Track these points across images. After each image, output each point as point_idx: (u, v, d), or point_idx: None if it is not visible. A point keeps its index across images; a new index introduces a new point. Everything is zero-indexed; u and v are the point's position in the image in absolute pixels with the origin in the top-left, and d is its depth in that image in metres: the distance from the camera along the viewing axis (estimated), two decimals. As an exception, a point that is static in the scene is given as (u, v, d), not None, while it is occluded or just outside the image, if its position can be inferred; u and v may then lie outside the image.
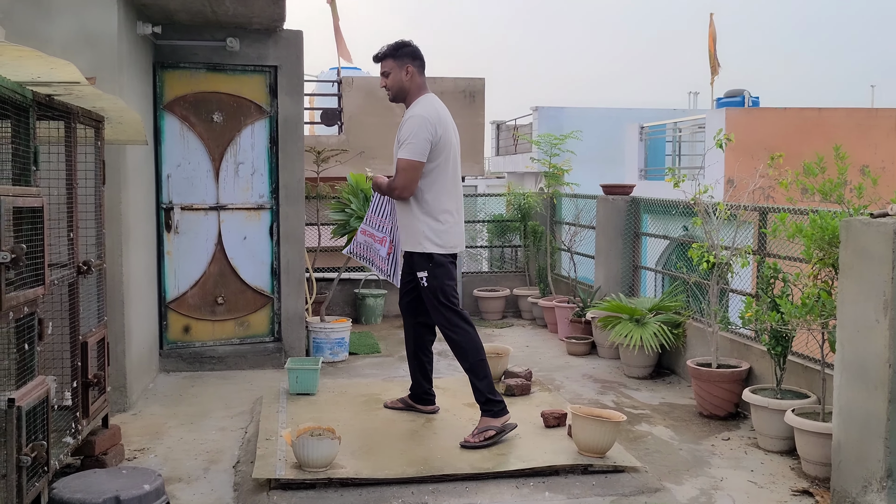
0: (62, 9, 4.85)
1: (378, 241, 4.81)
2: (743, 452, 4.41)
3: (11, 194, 2.68)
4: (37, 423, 2.93)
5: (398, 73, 4.52)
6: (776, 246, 4.96)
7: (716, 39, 18.72)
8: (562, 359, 6.73)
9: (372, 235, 4.84)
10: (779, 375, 4.51)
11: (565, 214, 8.74)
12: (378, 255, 4.83)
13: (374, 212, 4.82)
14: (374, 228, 4.83)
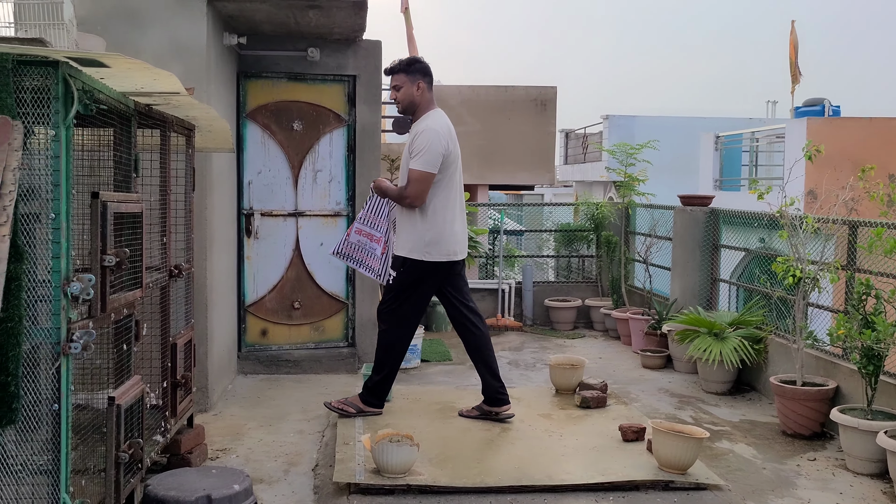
0: (155, 21, 5.02)
1: (375, 240, 4.92)
2: (830, 474, 4.27)
3: (115, 200, 2.79)
4: (133, 422, 3.03)
5: (409, 88, 4.75)
6: (868, 261, 4.79)
7: (797, 47, 18.24)
8: (636, 371, 6.63)
9: (369, 235, 4.95)
10: (870, 395, 4.35)
11: (640, 225, 8.62)
12: (372, 255, 4.94)
13: (371, 211, 4.97)
14: (371, 228, 4.94)
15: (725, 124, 17.84)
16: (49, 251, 2.42)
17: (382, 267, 4.93)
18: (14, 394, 2.28)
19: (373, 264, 4.94)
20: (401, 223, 4.82)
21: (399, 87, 4.77)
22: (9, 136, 2.28)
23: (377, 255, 4.92)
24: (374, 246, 4.92)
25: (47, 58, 2.33)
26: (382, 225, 4.95)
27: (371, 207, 4.98)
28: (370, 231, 4.94)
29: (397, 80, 4.78)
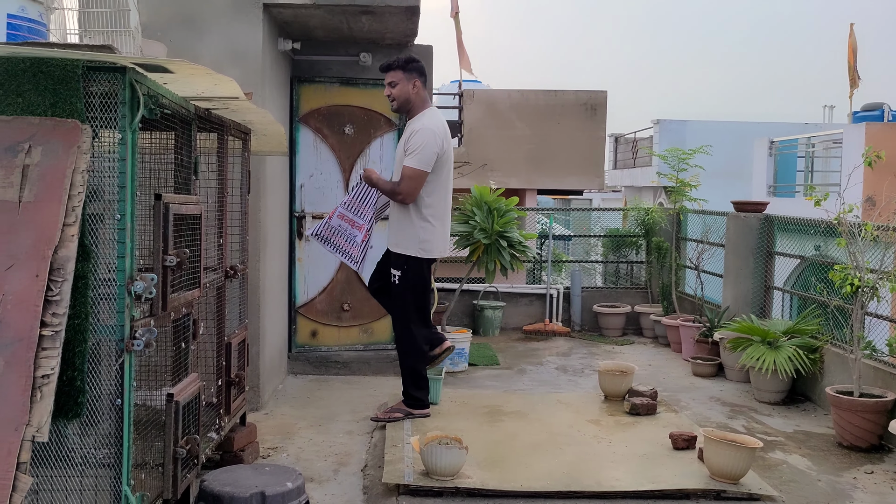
0: (213, 28, 5.14)
1: (357, 227, 4.88)
2: (889, 487, 4.16)
3: (177, 202, 2.86)
4: (189, 418, 3.10)
5: (406, 86, 4.81)
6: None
7: (856, 50, 17.81)
8: (687, 379, 6.55)
9: (351, 221, 4.90)
10: (930, 408, 4.24)
11: (691, 231, 8.52)
12: (351, 242, 4.89)
13: (357, 198, 4.92)
14: (355, 214, 4.89)
15: (780, 129, 17.50)
16: (114, 251, 2.49)
17: (361, 254, 4.91)
18: (80, 388, 2.36)
19: (352, 251, 4.91)
20: (396, 221, 4.88)
21: (395, 84, 4.82)
22: (78, 139, 2.37)
23: (357, 242, 4.88)
24: (354, 233, 4.88)
25: (115, 64, 2.41)
26: (367, 213, 4.91)
27: (357, 195, 4.94)
28: (353, 217, 4.90)
29: (394, 76, 4.82)
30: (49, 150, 2.34)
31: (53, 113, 2.39)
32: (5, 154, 2.35)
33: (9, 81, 2.40)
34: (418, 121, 4.83)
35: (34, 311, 2.19)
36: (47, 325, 2.20)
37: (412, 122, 4.86)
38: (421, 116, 4.85)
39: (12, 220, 2.28)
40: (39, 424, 2.12)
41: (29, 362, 2.15)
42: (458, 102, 12.32)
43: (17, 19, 2.80)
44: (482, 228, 6.64)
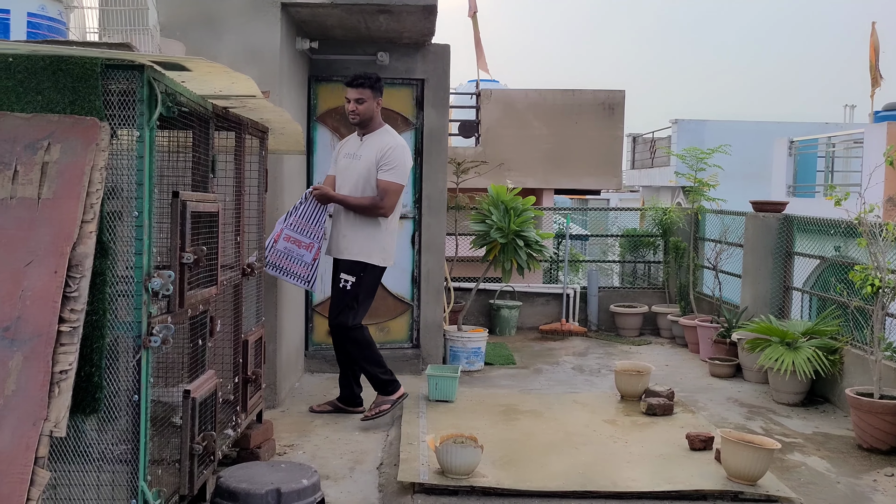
0: (231, 27, 5.16)
1: (304, 246, 4.85)
2: (909, 490, 4.12)
3: (194, 200, 2.88)
4: (206, 415, 3.12)
5: (371, 103, 4.95)
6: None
7: (878, 50, 17.62)
8: (704, 380, 6.50)
9: (297, 242, 4.86)
10: (952, 410, 4.18)
11: (709, 231, 8.47)
12: (299, 263, 4.85)
13: (303, 217, 4.87)
14: (301, 234, 4.86)
15: (800, 129, 17.35)
16: (131, 248, 2.51)
17: (312, 273, 4.91)
18: (97, 384, 2.38)
19: (300, 272, 4.87)
20: (357, 229, 4.91)
21: (362, 101, 4.91)
22: (97, 137, 2.39)
23: (306, 261, 4.85)
24: (302, 252, 4.85)
25: (133, 62, 2.43)
26: (315, 231, 4.89)
27: (303, 213, 4.88)
28: (299, 237, 4.86)
29: (363, 93, 4.91)
30: (68, 147, 2.37)
31: (72, 111, 2.41)
32: (25, 151, 2.37)
33: (29, 79, 2.42)
34: (385, 136, 4.98)
35: (53, 306, 2.21)
36: (65, 320, 2.22)
37: (375, 137, 4.97)
38: (383, 132, 5.00)
39: (32, 217, 2.30)
40: (57, 419, 2.14)
41: (47, 358, 2.17)
42: (476, 102, 12.31)
43: (38, 17, 2.82)
44: (499, 228, 6.63)
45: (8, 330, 2.20)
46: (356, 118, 4.94)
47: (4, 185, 2.34)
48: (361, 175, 4.90)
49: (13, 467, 2.08)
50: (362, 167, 4.91)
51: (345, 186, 4.96)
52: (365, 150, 4.94)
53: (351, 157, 5.00)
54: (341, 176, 5.02)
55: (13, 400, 2.14)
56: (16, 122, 2.40)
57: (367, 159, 4.91)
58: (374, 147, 4.92)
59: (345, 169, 5.00)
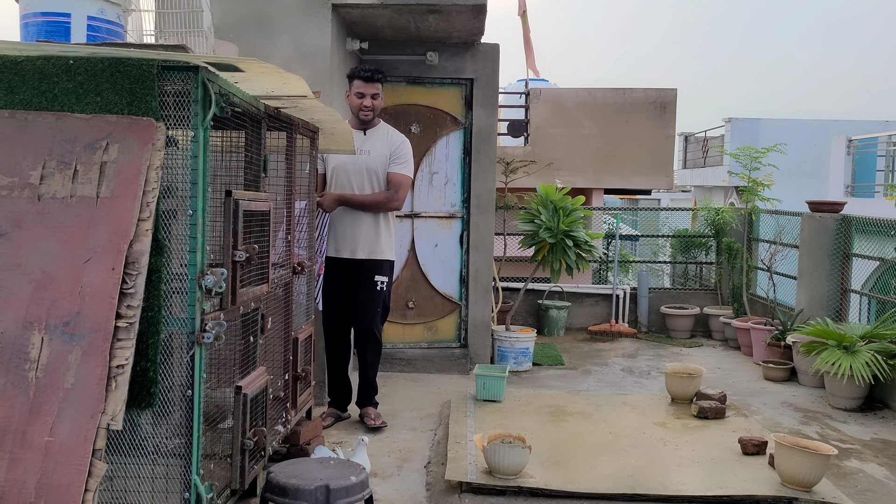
0: (283, 28, 5.23)
1: (319, 265, 4.64)
2: (973, 500, 3.98)
3: (246, 199, 2.92)
4: (257, 411, 3.16)
5: (381, 98, 4.88)
6: None
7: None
8: (757, 383, 6.38)
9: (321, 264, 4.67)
10: None
11: (763, 231, 8.29)
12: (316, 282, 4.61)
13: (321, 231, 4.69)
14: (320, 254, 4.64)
15: (859, 127, 16.89)
16: (186, 246, 2.56)
17: (318, 287, 4.74)
18: (153, 379, 2.43)
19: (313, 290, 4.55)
20: (377, 228, 4.83)
21: (377, 96, 4.84)
22: (153, 137, 2.44)
23: (314, 275, 4.54)
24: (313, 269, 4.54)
25: (188, 63, 2.47)
26: (323, 245, 4.77)
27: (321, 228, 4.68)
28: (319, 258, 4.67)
29: (378, 88, 4.85)
30: (125, 147, 2.42)
31: (130, 111, 2.46)
32: (84, 151, 2.43)
33: (88, 81, 2.48)
34: (389, 130, 4.94)
35: (110, 302, 2.27)
36: (122, 316, 2.27)
37: (379, 132, 4.90)
38: (384, 126, 4.96)
39: (90, 215, 2.36)
40: (114, 413, 2.19)
41: (105, 352, 2.23)
42: (525, 101, 12.26)
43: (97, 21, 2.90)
44: (548, 227, 6.60)
45: (68, 325, 2.26)
46: (370, 114, 4.85)
47: (65, 184, 2.41)
48: (371, 170, 4.82)
49: (72, 458, 2.14)
50: (373, 162, 4.82)
51: (350, 183, 4.82)
52: (373, 145, 4.85)
53: (358, 150, 4.84)
54: (343, 173, 4.84)
55: (72, 393, 2.20)
56: (76, 123, 2.47)
57: (378, 154, 4.84)
58: (382, 141, 4.86)
59: (348, 165, 4.83)
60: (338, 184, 4.84)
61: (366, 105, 4.81)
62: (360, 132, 4.86)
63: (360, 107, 4.81)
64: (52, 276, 2.31)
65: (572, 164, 11.68)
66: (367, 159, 4.82)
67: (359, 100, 4.81)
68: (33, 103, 2.51)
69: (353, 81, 4.86)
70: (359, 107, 4.81)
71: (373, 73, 4.80)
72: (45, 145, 2.45)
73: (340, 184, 4.84)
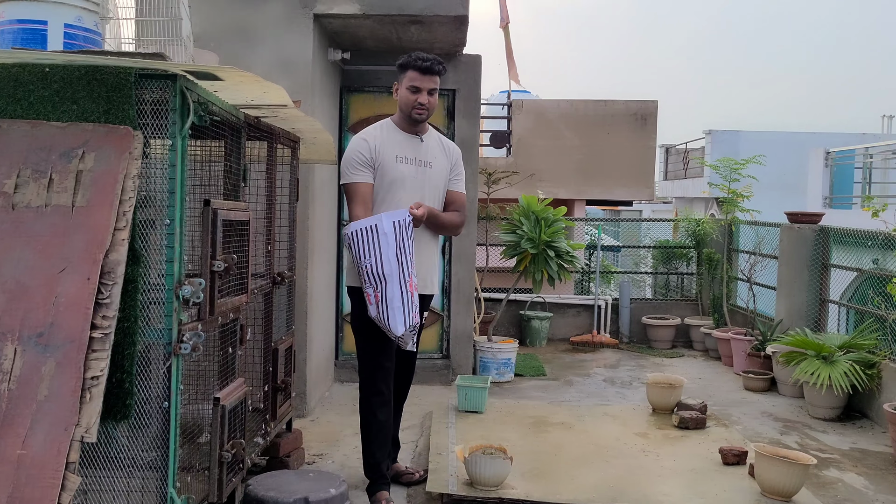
0: (264, 38, 5.22)
1: (414, 287, 3.60)
2: (951, 510, 4.00)
3: (225, 208, 2.90)
4: (236, 422, 3.13)
5: (437, 97, 3.88)
6: None
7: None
8: (738, 394, 6.40)
9: (413, 286, 3.60)
10: None
11: (743, 242, 8.35)
12: (415, 308, 3.61)
13: (404, 251, 3.57)
14: (410, 274, 3.59)
15: (837, 139, 17.08)
16: (163, 255, 2.53)
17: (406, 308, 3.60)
18: (128, 391, 2.40)
19: (413, 319, 3.61)
20: (435, 256, 3.98)
21: (435, 92, 3.83)
22: (130, 145, 2.42)
23: (416, 301, 3.63)
24: (413, 294, 3.61)
25: (166, 71, 2.46)
26: (411, 267, 3.64)
27: (402, 246, 3.59)
28: (413, 278, 3.62)
29: (437, 82, 3.84)
30: (102, 155, 2.40)
31: (107, 119, 2.44)
32: (60, 160, 2.40)
33: (65, 89, 2.46)
34: (442, 137, 4.05)
35: (85, 313, 2.23)
36: (97, 327, 2.24)
37: (433, 138, 3.96)
38: (436, 133, 4.03)
39: (66, 224, 2.34)
40: (88, 425, 2.16)
41: (79, 363, 2.19)
42: (507, 113, 12.31)
43: (74, 28, 2.87)
44: (529, 238, 6.60)
45: (42, 336, 2.23)
46: (425, 114, 3.82)
47: (40, 193, 2.38)
48: (435, 186, 3.86)
49: (45, 472, 2.10)
50: (436, 177, 3.87)
51: (411, 201, 3.74)
52: (433, 156, 3.88)
53: (417, 163, 3.84)
54: (407, 186, 3.78)
55: (45, 405, 2.16)
56: (51, 131, 2.44)
57: (440, 167, 3.89)
58: (440, 150, 3.94)
59: (412, 178, 3.80)
60: (394, 200, 3.75)
61: (421, 102, 3.76)
62: (413, 137, 3.87)
63: (413, 104, 3.77)
64: (25, 287, 2.28)
65: (555, 175, 11.73)
66: (431, 174, 3.85)
67: (413, 95, 3.77)
68: (8, 111, 2.48)
69: (406, 72, 3.81)
70: (412, 104, 3.77)
71: (432, 62, 3.77)
72: (19, 154, 2.42)
73: (401, 200, 3.74)
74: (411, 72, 3.80)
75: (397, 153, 3.82)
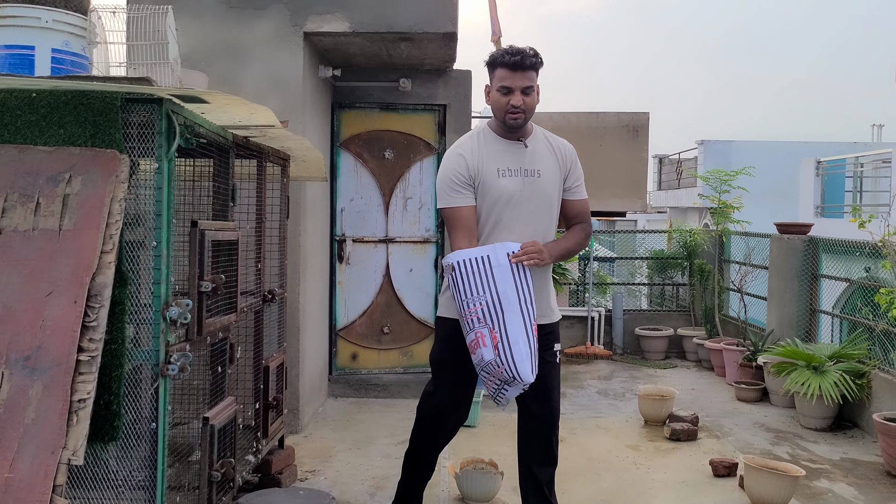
0: (255, 56, 5.25)
1: (535, 327, 3.08)
2: (940, 519, 4.02)
3: (213, 228, 2.92)
4: (225, 441, 3.15)
5: (536, 94, 3.24)
6: (980, 294, 4.53)
7: (904, 68, 17.44)
8: (730, 404, 6.42)
9: (481, 336, 3.02)
10: (983, 436, 4.09)
11: (734, 253, 8.39)
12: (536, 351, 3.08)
13: (524, 287, 3.05)
14: (533, 312, 3.06)
15: (828, 149, 17.19)
16: (150, 277, 2.55)
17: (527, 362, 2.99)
18: (116, 412, 2.41)
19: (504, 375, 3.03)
20: (543, 282, 3.33)
21: (531, 90, 3.20)
22: (116, 168, 2.44)
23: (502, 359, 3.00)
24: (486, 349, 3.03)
25: (152, 95, 2.48)
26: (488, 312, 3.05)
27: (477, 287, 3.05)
28: (484, 328, 3.04)
29: (533, 78, 3.20)
30: (88, 179, 2.42)
31: (93, 143, 2.47)
32: (47, 184, 2.43)
33: (51, 114, 2.49)
34: (551, 136, 3.41)
35: (72, 336, 2.25)
36: (84, 350, 2.26)
37: (539, 140, 3.35)
38: (542, 132, 3.39)
39: (52, 248, 2.36)
40: (75, 448, 2.17)
41: (66, 386, 2.21)
42: (499, 125, 12.36)
43: (61, 53, 2.91)
44: (521, 251, 6.62)
45: (29, 359, 2.25)
46: (521, 117, 3.20)
47: (27, 217, 2.40)
48: (547, 197, 3.29)
49: (32, 495, 2.11)
50: (547, 186, 3.28)
51: (522, 218, 3.24)
52: (541, 162, 3.28)
53: (523, 174, 3.25)
54: (512, 203, 3.23)
55: (33, 428, 2.18)
56: (38, 156, 2.47)
57: (550, 174, 3.29)
58: (549, 154, 3.32)
59: (518, 193, 3.24)
60: (502, 220, 3.24)
61: (514, 104, 3.16)
62: (516, 144, 3.28)
63: (506, 108, 3.18)
64: (12, 310, 2.30)
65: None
66: (540, 184, 3.26)
67: (504, 97, 3.18)
68: (-4, 136, 2.50)
69: (495, 71, 3.22)
70: (505, 108, 3.19)
71: (523, 56, 3.15)
72: (7, 178, 2.44)
73: (508, 220, 3.23)
74: (500, 70, 3.19)
75: (499, 166, 3.24)
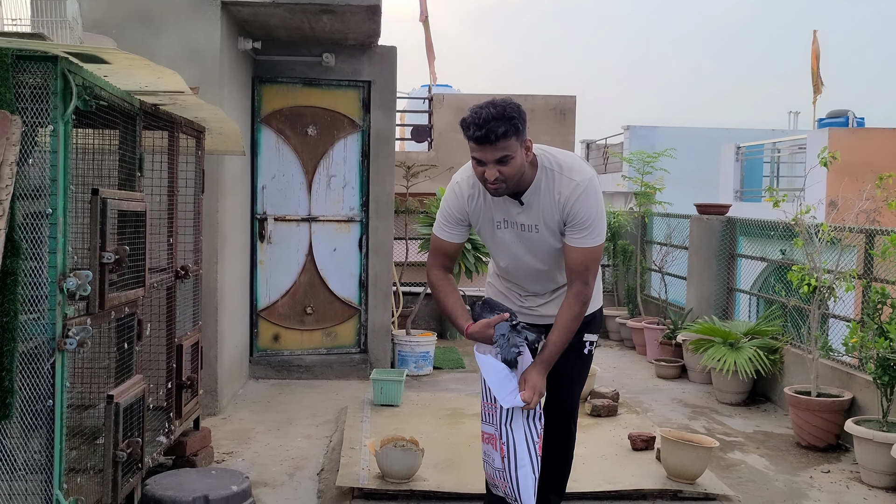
0: (169, 25, 5.05)
1: (540, 447, 2.97)
2: (844, 487, 4.17)
3: (117, 198, 2.78)
4: (133, 421, 3.02)
5: (520, 152, 2.81)
6: (884, 270, 4.70)
7: (819, 57, 18.06)
8: (650, 381, 6.55)
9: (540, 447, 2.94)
10: (885, 407, 4.26)
11: (656, 234, 8.55)
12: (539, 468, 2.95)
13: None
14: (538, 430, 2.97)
15: (748, 135, 17.69)
16: (46, 246, 2.41)
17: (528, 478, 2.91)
18: (8, 388, 2.27)
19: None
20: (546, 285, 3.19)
21: (508, 159, 2.77)
22: (7, 130, 2.29)
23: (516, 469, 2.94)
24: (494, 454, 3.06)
25: (46, 53, 2.34)
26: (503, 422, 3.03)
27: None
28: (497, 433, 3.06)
29: (508, 147, 2.75)
30: (-25, 141, 2.26)
31: (-19, 103, 2.31)
32: (-71, 145, 2.26)
33: (-66, 71, 2.31)
34: (553, 180, 2.92)
35: (-44, 307, 2.11)
36: (-30, 321, 2.11)
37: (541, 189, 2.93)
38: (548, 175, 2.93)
39: (-65, 214, 2.20)
40: (-40, 425, 2.04)
41: (-50, 360, 2.07)
42: (428, 107, 12.29)
43: (-53, 8, 2.71)
44: (446, 231, 6.58)
45: None
46: (501, 187, 2.83)
47: None
48: (550, 245, 3.02)
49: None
50: (548, 236, 2.99)
51: (520, 272, 3.13)
52: (539, 217, 2.96)
53: (520, 228, 3.01)
54: (511, 252, 3.08)
55: (-88, 405, 2.03)
56: (-80, 116, 2.29)
57: (550, 224, 2.97)
58: (549, 201, 2.94)
59: (516, 244, 3.05)
60: (508, 270, 3.17)
61: (488, 178, 2.80)
62: (512, 202, 2.97)
63: (482, 179, 2.84)
64: None
65: (475, 169, 11.78)
66: (539, 237, 3.00)
67: (479, 167, 2.82)
68: None
69: (469, 142, 2.85)
70: (482, 179, 2.85)
71: (487, 131, 2.71)
72: None
73: (513, 270, 3.14)
74: (470, 143, 2.84)
75: (495, 217, 3.03)
